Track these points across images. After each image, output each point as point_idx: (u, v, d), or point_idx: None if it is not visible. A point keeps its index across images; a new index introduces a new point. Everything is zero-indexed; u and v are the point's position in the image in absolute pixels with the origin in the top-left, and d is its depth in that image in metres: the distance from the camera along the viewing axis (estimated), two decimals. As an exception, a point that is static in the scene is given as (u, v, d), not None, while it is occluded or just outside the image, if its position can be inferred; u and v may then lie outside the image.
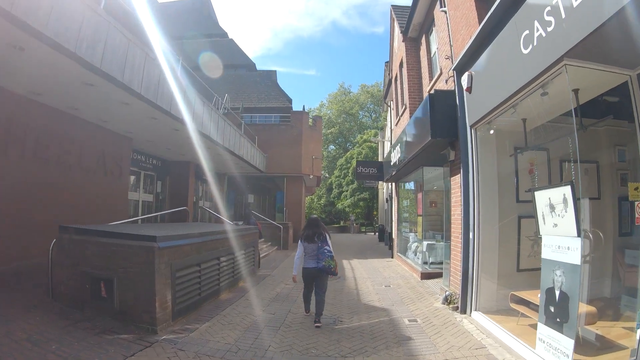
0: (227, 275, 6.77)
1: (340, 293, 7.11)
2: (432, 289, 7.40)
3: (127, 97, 7.36)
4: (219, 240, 6.49)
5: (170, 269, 4.78)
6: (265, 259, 12.00)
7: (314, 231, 5.23)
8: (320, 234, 5.23)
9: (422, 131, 6.85)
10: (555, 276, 3.78)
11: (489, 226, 5.56)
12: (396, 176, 11.17)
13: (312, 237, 5.20)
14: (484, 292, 5.56)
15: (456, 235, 6.06)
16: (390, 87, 13.04)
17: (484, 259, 5.52)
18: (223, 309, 5.69)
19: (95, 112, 8.40)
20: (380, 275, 9.29)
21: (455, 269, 6.08)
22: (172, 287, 4.85)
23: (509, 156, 5.96)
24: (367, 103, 50.50)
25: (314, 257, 5.14)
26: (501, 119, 5.38)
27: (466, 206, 5.68)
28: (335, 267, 5.06)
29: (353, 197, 36.54)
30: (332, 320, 5.24)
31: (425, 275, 8.41)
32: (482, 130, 5.72)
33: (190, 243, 5.30)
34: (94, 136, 9.51)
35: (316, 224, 5.38)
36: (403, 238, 11.62)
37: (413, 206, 10.49)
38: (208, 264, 5.89)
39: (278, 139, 18.92)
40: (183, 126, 9.42)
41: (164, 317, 4.69)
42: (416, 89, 9.11)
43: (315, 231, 5.23)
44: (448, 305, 6.02)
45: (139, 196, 13.26)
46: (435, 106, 6.21)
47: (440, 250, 8.92)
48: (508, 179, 5.88)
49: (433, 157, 7.84)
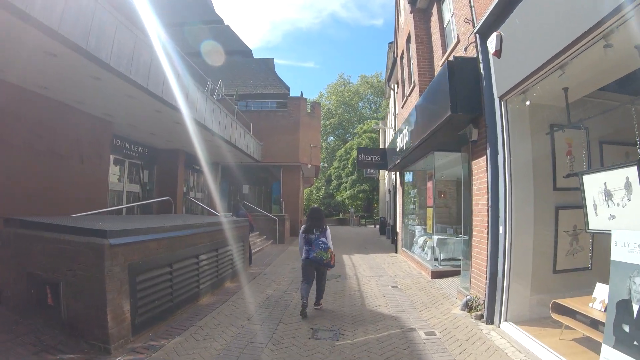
0: (210, 276, 5.80)
1: (341, 296, 6.15)
2: (446, 290, 6.45)
3: (97, 71, 6.39)
4: (200, 234, 5.50)
5: (127, 271, 3.80)
6: (259, 254, 11.05)
7: (314, 223, 5.22)
8: (319, 226, 5.20)
9: (437, 107, 5.84)
10: (633, 285, 2.81)
11: (522, 219, 4.58)
12: (401, 164, 10.17)
13: (310, 229, 5.19)
14: (516, 298, 4.60)
15: (480, 229, 5.09)
16: (394, 68, 11.98)
17: (517, 258, 4.55)
18: (201, 318, 4.72)
19: (66, 90, 7.40)
20: (385, 273, 8.34)
21: (478, 269, 5.12)
22: (132, 295, 3.87)
23: (545, 134, 4.98)
24: (367, 94, 49.39)
25: (309, 248, 5.13)
26: (540, 87, 4.38)
27: (494, 194, 4.69)
28: (328, 259, 5.05)
29: (353, 188, 35.62)
30: (332, 334, 4.27)
31: (436, 274, 7.45)
32: (514, 102, 4.71)
33: (158, 239, 4.31)
34: (67, 119, 8.52)
35: (317, 215, 5.34)
36: (409, 232, 10.66)
37: (421, 197, 9.52)
38: (183, 264, 4.92)
39: (274, 127, 17.83)
40: (165, 107, 8.40)
41: (119, 332, 3.73)
42: (426, 64, 8.07)
43: (314, 223, 5.22)
44: (470, 313, 5.07)
45: (123, 186, 12.27)
46: (456, 75, 5.20)
47: (452, 245, 7.96)
48: (543, 162, 4.91)
49: (446, 140, 6.84)
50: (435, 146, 7.45)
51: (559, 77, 3.98)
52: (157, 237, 4.28)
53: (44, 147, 7.79)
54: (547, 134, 4.99)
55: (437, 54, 7.71)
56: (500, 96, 4.73)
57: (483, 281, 4.92)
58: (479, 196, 5.17)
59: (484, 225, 4.97)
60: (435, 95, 6.05)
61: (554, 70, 3.88)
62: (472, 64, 5.32)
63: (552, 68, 3.86)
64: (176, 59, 8.88)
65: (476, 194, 5.27)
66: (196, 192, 16.60)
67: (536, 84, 4.31)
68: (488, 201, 4.81)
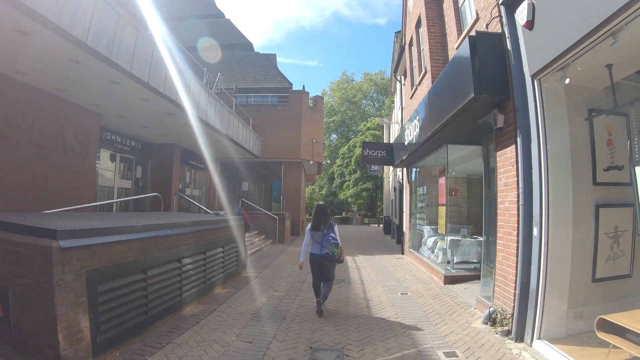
0: (196, 282, 5.13)
1: (345, 304, 5.46)
2: (462, 298, 5.75)
3: (75, 52, 5.77)
4: (183, 235, 4.81)
5: (85, 280, 3.12)
6: (256, 255, 10.37)
7: (320, 219, 5.16)
8: (327, 222, 5.17)
9: (455, 91, 5.13)
10: None
11: (560, 218, 3.88)
12: (410, 159, 9.45)
13: (318, 225, 5.13)
14: (551, 311, 3.90)
15: (507, 230, 4.38)
16: (402, 57, 11.25)
17: (553, 264, 3.84)
18: (182, 333, 4.05)
19: (46, 75, 6.79)
20: (393, 277, 7.63)
21: (504, 277, 4.41)
22: (92, 308, 3.19)
23: (583, 120, 4.27)
24: (371, 92, 48.68)
25: (320, 244, 5.05)
26: (581, 62, 3.66)
27: (527, 190, 3.98)
28: (339, 254, 5.00)
29: (356, 187, 34.90)
30: (334, 356, 3.57)
31: (449, 279, 6.75)
32: (550, 81, 4.00)
33: (127, 240, 3.62)
34: (50, 108, 7.89)
35: (323, 212, 5.30)
36: (416, 232, 9.95)
37: (431, 194, 8.81)
38: (162, 269, 4.23)
39: (275, 121, 17.12)
40: (153, 95, 7.73)
41: (76, 353, 3.06)
42: (439, 48, 7.34)
43: (322, 219, 5.17)
44: (493, 327, 4.37)
45: (114, 182, 11.62)
46: (479, 52, 4.48)
47: (466, 247, 7.26)
48: (581, 152, 4.20)
49: (462, 130, 6.15)
50: (449, 138, 6.73)
51: (610, 46, 3.25)
52: (126, 239, 3.59)
53: (22, 139, 7.18)
54: (586, 119, 4.29)
55: (451, 37, 6.99)
56: (533, 74, 4.02)
57: (510, 291, 4.21)
58: (505, 192, 4.46)
59: (512, 226, 4.26)
60: (452, 79, 5.34)
61: (604, 37, 3.17)
62: (496, 41, 4.61)
63: (602, 36, 3.15)
64: (167, 42, 8.20)
65: (502, 190, 4.56)
66: (193, 189, 15.94)
67: (578, 58, 3.60)
68: (518, 198, 4.10)
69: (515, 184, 4.21)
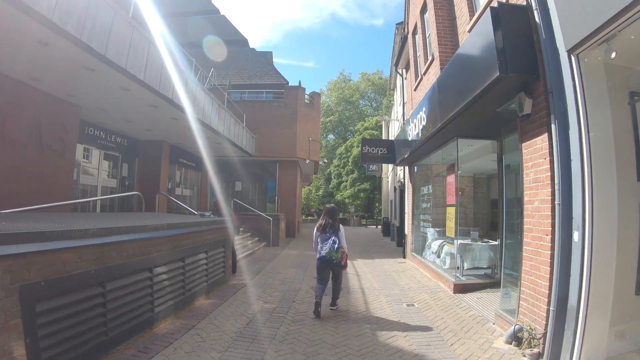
0: (172, 294, 4.43)
1: (345, 319, 4.77)
2: (476, 310, 5.09)
3: (43, 32, 5.13)
4: (156, 240, 4.12)
5: (18, 297, 2.43)
6: (248, 259, 9.67)
7: (327, 222, 5.14)
8: (332, 226, 5.10)
9: (472, 75, 4.49)
10: None
11: (604, 221, 3.22)
12: (413, 157, 8.81)
13: (324, 227, 5.11)
14: (592, 330, 3.25)
15: (537, 235, 3.72)
16: (404, 48, 10.60)
17: (596, 275, 3.19)
18: (150, 357, 3.36)
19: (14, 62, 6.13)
20: (396, 285, 6.97)
21: (533, 289, 3.76)
22: (28, 332, 2.50)
23: (626, 104, 3.63)
24: (368, 91, 48.07)
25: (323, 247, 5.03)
26: (625, 34, 3.02)
27: (566, 186, 3.33)
28: (338, 258, 4.95)
29: (353, 187, 34.27)
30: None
31: (459, 288, 6.10)
32: (591, 56, 3.35)
33: (76, 247, 2.93)
34: (22, 99, 7.20)
35: (331, 214, 5.24)
36: (420, 234, 9.30)
37: (437, 194, 8.17)
38: (126, 281, 3.54)
39: (270, 118, 16.42)
40: (133, 83, 7.04)
41: (2, 394, 2.36)
42: (447, 33, 6.70)
43: (328, 222, 5.13)
44: (519, 348, 3.72)
45: (97, 180, 10.89)
46: (503, 26, 3.83)
47: (477, 252, 6.61)
48: (623, 142, 3.56)
49: (475, 121, 5.52)
50: (460, 131, 6.10)
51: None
52: (75, 245, 2.90)
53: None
54: (628, 103, 3.65)
55: (461, 20, 6.35)
56: (570, 49, 3.37)
57: (542, 307, 3.56)
58: (535, 190, 3.81)
59: (544, 230, 3.61)
60: (467, 61, 4.70)
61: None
62: (521, 14, 3.97)
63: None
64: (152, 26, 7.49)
65: (530, 188, 3.91)
66: (183, 189, 15.23)
67: (629, 26, 2.95)
68: (553, 196, 3.45)
69: (549, 180, 3.56)
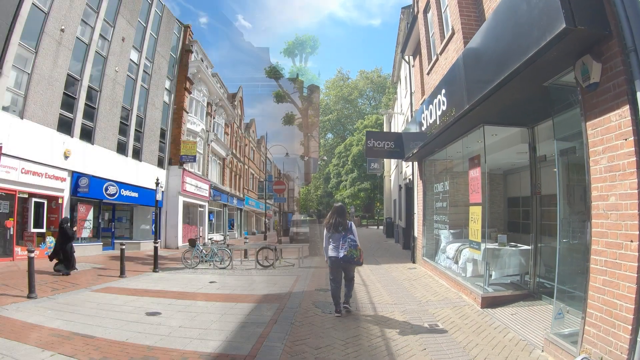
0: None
1: (356, 352, 3.80)
2: (515, 332, 4.13)
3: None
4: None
5: None
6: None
7: (338, 222, 5.04)
8: (345, 224, 5.03)
9: (521, 35, 3.51)
10: None
11: None
12: (426, 150, 7.86)
13: (336, 227, 5.01)
14: None
15: (616, 241, 2.77)
16: (411, 32, 9.67)
17: None
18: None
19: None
20: (411, 297, 6.01)
21: (607, 312, 2.81)
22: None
23: None
24: (367, 90, 47.09)
25: (337, 247, 4.95)
26: None
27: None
28: (358, 256, 4.92)
29: (353, 187, 33.37)
30: None
31: (488, 301, 5.16)
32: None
33: None
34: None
35: (341, 213, 5.14)
36: (433, 237, 8.36)
37: (455, 192, 7.24)
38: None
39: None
40: None
41: None
42: (470, 2, 5.75)
43: (340, 221, 5.05)
44: (593, 392, 2.77)
45: None
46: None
47: (507, 259, 5.67)
48: None
49: (507, 102, 4.59)
50: (487, 117, 5.16)
51: None
52: None
53: None
54: None
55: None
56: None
57: (622, 335, 2.62)
58: (609, 182, 2.87)
59: (626, 234, 2.67)
60: (513, 19, 3.72)
61: None
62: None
63: None
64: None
65: (601, 179, 2.96)
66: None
67: None
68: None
69: (634, 167, 2.62)
